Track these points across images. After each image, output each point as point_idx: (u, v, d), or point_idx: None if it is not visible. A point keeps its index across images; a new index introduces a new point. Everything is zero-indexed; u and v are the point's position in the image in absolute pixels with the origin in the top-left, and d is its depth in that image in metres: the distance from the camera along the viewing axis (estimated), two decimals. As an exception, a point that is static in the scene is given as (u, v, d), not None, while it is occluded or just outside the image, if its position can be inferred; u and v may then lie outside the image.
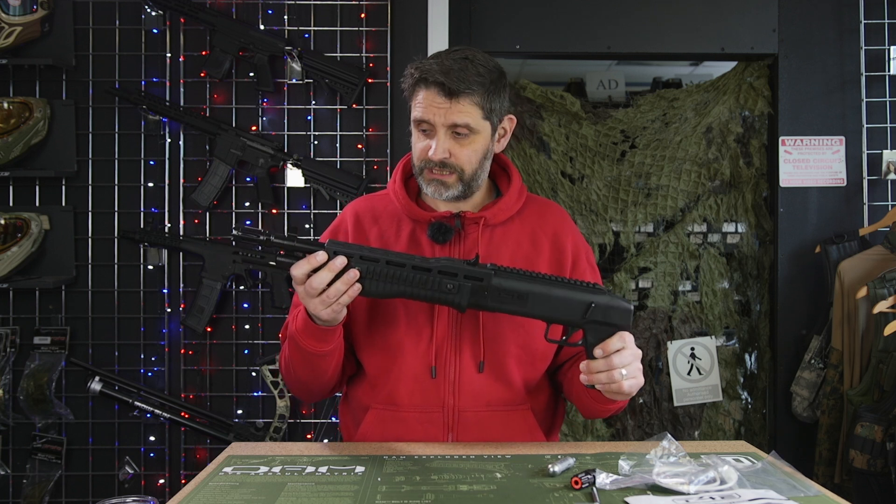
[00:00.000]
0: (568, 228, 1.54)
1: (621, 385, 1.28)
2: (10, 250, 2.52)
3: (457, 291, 1.28)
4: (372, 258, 1.28)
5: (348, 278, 1.26)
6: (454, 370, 1.43)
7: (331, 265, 1.26)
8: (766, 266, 2.96)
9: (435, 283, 1.28)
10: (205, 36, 2.65)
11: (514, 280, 1.30)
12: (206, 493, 1.16)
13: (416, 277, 1.28)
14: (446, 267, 1.29)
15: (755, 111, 2.91)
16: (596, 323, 1.30)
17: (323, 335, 1.35)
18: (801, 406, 2.69)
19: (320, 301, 1.27)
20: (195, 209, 2.64)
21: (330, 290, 1.26)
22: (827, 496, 1.15)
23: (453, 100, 1.39)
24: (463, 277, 1.29)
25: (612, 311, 1.30)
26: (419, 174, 1.45)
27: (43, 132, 2.59)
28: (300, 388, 1.48)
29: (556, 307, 1.30)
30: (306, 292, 1.27)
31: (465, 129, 1.41)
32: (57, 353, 2.59)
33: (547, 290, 1.30)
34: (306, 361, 1.39)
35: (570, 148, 2.98)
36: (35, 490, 2.58)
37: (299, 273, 1.26)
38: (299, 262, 1.26)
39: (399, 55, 2.66)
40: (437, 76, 1.38)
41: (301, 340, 1.36)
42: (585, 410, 1.47)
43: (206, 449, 2.66)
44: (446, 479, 1.21)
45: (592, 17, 2.82)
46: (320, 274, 1.25)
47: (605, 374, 1.29)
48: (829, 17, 2.81)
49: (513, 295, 1.29)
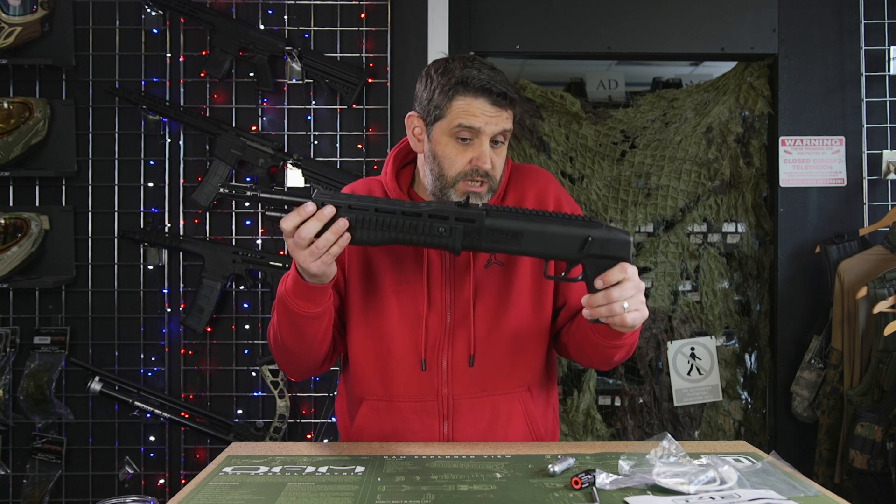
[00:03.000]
0: (552, 187, 1.53)
1: (624, 317, 1.26)
2: (10, 250, 2.52)
3: (449, 234, 1.27)
4: (361, 207, 1.26)
5: (337, 228, 1.25)
6: (447, 361, 1.44)
7: (319, 214, 1.24)
8: (766, 266, 2.96)
9: (426, 227, 1.26)
10: (205, 36, 2.65)
11: (507, 219, 1.28)
12: (206, 493, 1.16)
13: (407, 223, 1.26)
14: (437, 210, 1.27)
15: (755, 111, 2.91)
16: (594, 257, 1.28)
17: (312, 295, 1.33)
18: (801, 406, 2.69)
19: (309, 252, 1.25)
20: (195, 209, 2.64)
21: (319, 241, 1.24)
22: (827, 496, 1.15)
23: (504, 109, 1.38)
24: (454, 220, 1.26)
25: (611, 244, 1.28)
26: (451, 186, 1.41)
27: (43, 132, 2.59)
28: (288, 358, 1.46)
29: (551, 243, 1.28)
30: (296, 244, 1.26)
31: (506, 136, 1.41)
32: (57, 353, 2.59)
33: (542, 227, 1.28)
34: (295, 327, 1.37)
35: (570, 148, 2.98)
36: (35, 490, 2.58)
37: (288, 225, 1.25)
38: (289, 215, 1.25)
39: (399, 55, 2.66)
40: (497, 86, 1.36)
41: (290, 302, 1.34)
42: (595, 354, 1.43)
43: (206, 449, 2.67)
44: (446, 479, 1.21)
45: (592, 17, 2.82)
46: (308, 224, 1.24)
47: (605, 308, 1.27)
48: (829, 17, 2.81)
49: (507, 234, 1.27)
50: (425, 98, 1.42)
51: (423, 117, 1.44)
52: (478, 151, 1.38)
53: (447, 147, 1.40)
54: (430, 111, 1.41)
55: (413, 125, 1.47)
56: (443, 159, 1.41)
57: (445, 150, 1.40)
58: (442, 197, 1.42)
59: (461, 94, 1.37)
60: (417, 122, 1.45)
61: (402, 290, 1.45)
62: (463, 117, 1.37)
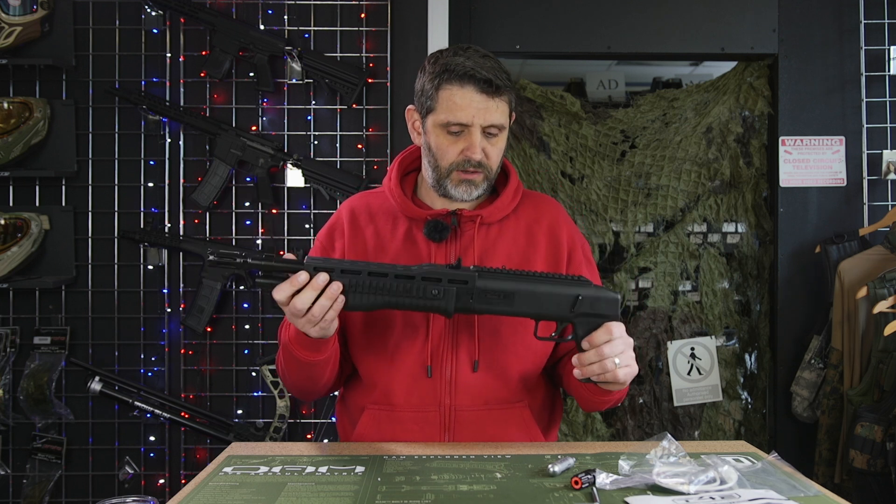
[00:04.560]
0: (563, 222, 1.53)
1: (616, 374, 1.27)
2: (10, 250, 2.52)
3: (442, 296, 1.27)
4: (353, 270, 1.25)
5: (331, 293, 1.23)
6: (450, 369, 1.43)
7: (313, 283, 1.22)
8: (766, 266, 2.96)
9: (419, 289, 1.27)
10: (205, 36, 2.65)
11: (498, 280, 1.29)
12: (206, 493, 1.16)
13: (400, 286, 1.26)
14: (429, 273, 1.27)
15: (755, 111, 2.91)
16: (585, 315, 1.30)
17: (316, 346, 1.34)
18: (801, 406, 2.69)
19: (307, 321, 1.24)
20: (195, 209, 2.64)
21: (315, 308, 1.23)
22: (827, 496, 1.15)
23: (493, 98, 1.37)
24: (447, 282, 1.28)
25: (600, 302, 1.30)
26: (446, 176, 1.42)
27: (43, 132, 2.59)
28: (297, 390, 1.48)
29: (543, 303, 1.30)
30: (292, 314, 1.25)
31: (498, 128, 1.40)
32: (57, 353, 2.59)
33: (533, 288, 1.29)
34: (301, 369, 1.38)
35: (570, 148, 2.98)
36: (35, 490, 2.58)
37: (282, 296, 1.23)
38: (281, 286, 1.23)
39: (399, 55, 2.66)
40: (483, 73, 1.35)
41: (294, 350, 1.35)
42: (585, 403, 1.46)
43: (206, 449, 2.67)
44: (446, 479, 1.21)
45: (592, 17, 2.82)
46: (303, 294, 1.22)
47: (597, 365, 1.28)
48: (829, 17, 2.81)
49: (498, 295, 1.29)
50: (419, 89, 1.44)
51: (419, 110, 1.45)
52: (468, 142, 1.39)
53: (439, 138, 1.41)
54: (424, 103, 1.43)
55: (412, 118, 1.49)
56: (436, 150, 1.42)
57: (438, 142, 1.42)
58: (440, 190, 1.44)
59: (447, 83, 1.38)
60: (415, 115, 1.47)
61: None
62: (451, 112, 1.38)
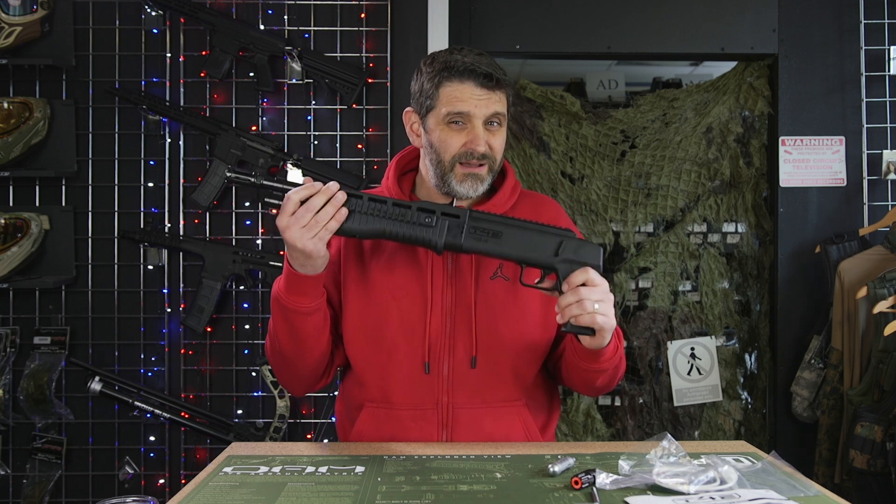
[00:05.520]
0: (563, 222, 1.53)
1: (594, 317, 1.28)
2: (10, 250, 2.52)
3: (434, 225, 1.33)
4: (355, 195, 1.34)
5: (336, 200, 1.30)
6: (447, 366, 1.43)
7: (325, 190, 1.30)
8: (766, 266, 2.96)
9: (414, 216, 1.34)
10: (205, 36, 2.65)
11: (488, 220, 1.35)
12: (206, 493, 1.16)
13: (396, 212, 1.34)
14: (424, 205, 1.35)
15: (755, 111, 2.91)
16: (568, 262, 1.34)
17: (305, 288, 1.35)
18: (801, 406, 2.69)
19: (308, 228, 1.29)
20: (195, 209, 2.64)
21: (319, 214, 1.29)
22: (827, 496, 1.15)
23: (494, 91, 1.41)
24: (440, 214, 1.34)
25: (583, 248, 1.35)
26: (450, 171, 1.43)
27: (43, 132, 2.59)
28: (285, 365, 1.46)
29: (529, 245, 1.35)
30: (296, 219, 1.29)
31: (500, 119, 1.43)
32: (57, 353, 2.59)
33: (520, 229, 1.36)
34: (290, 325, 1.38)
35: (570, 148, 2.98)
36: (35, 490, 2.58)
37: (298, 197, 1.29)
38: (299, 188, 1.30)
39: (399, 55, 2.66)
40: (482, 67, 1.39)
41: (284, 298, 1.36)
42: (580, 382, 1.45)
43: (206, 449, 2.67)
44: (446, 479, 1.21)
45: (592, 17, 2.82)
46: (317, 197, 1.29)
47: (575, 305, 1.29)
48: (829, 17, 2.81)
49: (487, 233, 1.35)
50: (417, 90, 1.47)
51: (418, 111, 1.47)
52: (471, 134, 1.41)
53: (442, 132, 1.43)
54: (423, 103, 1.45)
55: (410, 121, 1.50)
56: (439, 145, 1.44)
57: (440, 136, 1.43)
58: (444, 187, 1.46)
59: (447, 80, 1.41)
60: (414, 118, 1.49)
61: (402, 296, 1.45)
62: (452, 104, 1.41)
